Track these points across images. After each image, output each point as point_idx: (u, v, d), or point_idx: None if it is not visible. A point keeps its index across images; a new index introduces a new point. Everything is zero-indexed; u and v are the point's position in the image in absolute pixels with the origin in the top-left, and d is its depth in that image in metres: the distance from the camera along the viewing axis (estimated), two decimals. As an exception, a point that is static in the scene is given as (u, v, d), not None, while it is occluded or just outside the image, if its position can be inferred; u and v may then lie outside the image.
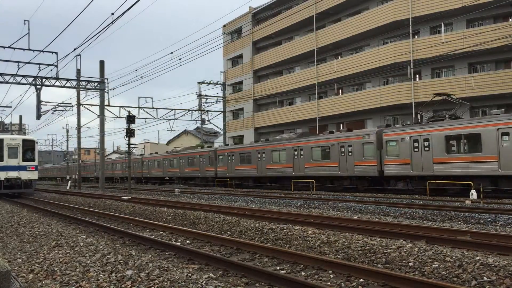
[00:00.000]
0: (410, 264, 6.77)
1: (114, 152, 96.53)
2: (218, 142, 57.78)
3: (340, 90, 40.13)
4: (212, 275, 6.24)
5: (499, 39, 27.92)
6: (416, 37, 33.73)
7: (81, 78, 32.48)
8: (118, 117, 37.58)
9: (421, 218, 12.85)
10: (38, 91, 28.20)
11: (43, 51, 26.08)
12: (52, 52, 27.10)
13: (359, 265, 6.67)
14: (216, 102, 46.13)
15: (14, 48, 25.97)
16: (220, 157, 37.27)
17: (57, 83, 28.65)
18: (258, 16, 49.93)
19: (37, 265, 7.11)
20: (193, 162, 41.47)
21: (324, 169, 27.16)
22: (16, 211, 17.13)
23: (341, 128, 40.15)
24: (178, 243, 9.41)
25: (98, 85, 32.06)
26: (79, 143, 40.15)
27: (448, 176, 20.79)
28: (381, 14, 35.07)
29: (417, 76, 34.09)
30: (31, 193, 28.43)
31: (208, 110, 45.21)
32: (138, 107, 39.30)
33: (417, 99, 32.60)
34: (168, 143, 74.66)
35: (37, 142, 28.82)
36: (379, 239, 8.36)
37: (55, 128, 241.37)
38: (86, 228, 12.55)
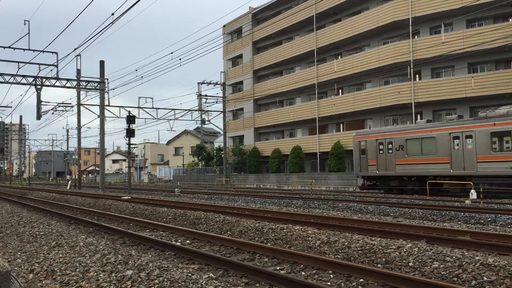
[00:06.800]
0: (410, 264, 6.77)
1: (114, 152, 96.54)
2: (218, 142, 57.78)
3: (340, 90, 40.11)
4: (212, 275, 6.24)
5: (499, 39, 27.91)
6: (416, 37, 33.72)
7: (81, 78, 32.44)
8: (118, 117, 37.58)
9: (421, 218, 12.86)
10: (38, 91, 28.17)
11: (43, 51, 26.07)
12: (52, 52, 27.09)
13: (359, 265, 6.67)
14: (216, 102, 46.14)
15: (14, 48, 25.95)
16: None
17: (57, 83, 28.62)
18: (258, 16, 49.93)
19: (37, 265, 7.11)
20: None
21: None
22: (16, 211, 17.14)
23: (341, 128, 40.28)
24: (178, 243, 9.41)
25: (98, 85, 32.03)
26: (79, 143, 40.14)
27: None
28: (381, 14, 35.07)
29: (417, 76, 34.08)
30: None
31: (208, 110, 45.21)
32: (138, 107, 39.27)
33: (417, 99, 32.61)
34: (168, 143, 74.60)
35: None
36: (379, 239, 8.36)
37: (55, 128, 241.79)
38: (86, 228, 12.54)
